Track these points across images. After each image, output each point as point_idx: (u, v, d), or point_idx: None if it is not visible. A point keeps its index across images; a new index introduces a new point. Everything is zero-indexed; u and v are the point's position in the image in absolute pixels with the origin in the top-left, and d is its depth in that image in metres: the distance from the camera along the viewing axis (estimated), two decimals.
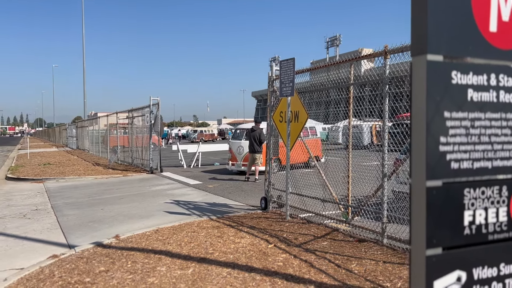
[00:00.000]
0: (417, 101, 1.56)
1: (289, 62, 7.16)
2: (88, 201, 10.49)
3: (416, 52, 1.56)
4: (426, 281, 1.54)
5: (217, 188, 11.88)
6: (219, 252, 5.51)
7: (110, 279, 4.65)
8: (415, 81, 1.57)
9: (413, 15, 1.57)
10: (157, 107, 16.90)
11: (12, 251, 6.34)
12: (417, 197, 1.57)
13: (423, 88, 1.54)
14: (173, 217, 8.21)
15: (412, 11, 1.57)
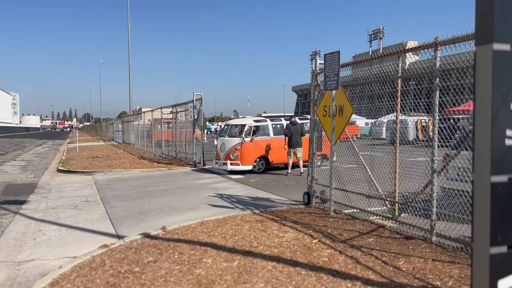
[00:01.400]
0: (482, 93, 1.49)
1: (333, 55, 7.07)
2: (135, 194, 10.81)
3: (481, 41, 1.49)
4: (490, 280, 1.48)
5: (259, 183, 11.93)
6: (263, 246, 5.53)
7: (158, 269, 4.77)
8: (480, 71, 1.50)
9: (478, 2, 1.50)
10: (200, 102, 17.13)
11: (65, 240, 6.64)
12: (481, 193, 1.50)
13: (488, 79, 1.47)
14: (216, 210, 8.32)
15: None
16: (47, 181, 13.82)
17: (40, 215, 8.49)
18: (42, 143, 43.89)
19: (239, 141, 13.74)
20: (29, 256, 5.81)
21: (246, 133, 13.86)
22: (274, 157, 14.19)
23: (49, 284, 4.49)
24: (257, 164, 13.97)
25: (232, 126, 14.83)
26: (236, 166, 13.67)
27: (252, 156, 13.85)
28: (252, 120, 14.54)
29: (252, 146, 13.86)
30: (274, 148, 14.18)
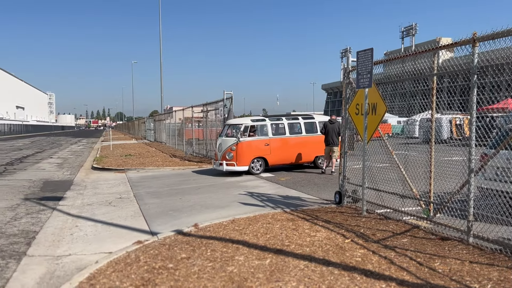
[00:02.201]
0: None
1: (366, 52, 6.97)
2: (167, 191, 10.98)
3: None
4: None
5: (289, 181, 11.90)
6: (295, 245, 5.52)
7: (192, 266, 4.83)
8: None
9: None
10: (230, 100, 17.21)
11: (100, 235, 6.81)
12: None
13: None
14: (247, 208, 8.35)
15: None
16: (82, 178, 14.22)
17: (77, 211, 8.74)
18: (77, 141, 45.16)
19: (234, 141, 13.24)
20: (66, 251, 5.99)
21: (242, 133, 13.36)
22: (273, 158, 13.71)
23: (86, 278, 4.62)
24: (255, 165, 13.48)
25: (230, 126, 14.25)
26: (232, 167, 13.19)
27: (248, 156, 13.33)
28: (249, 120, 14.01)
29: (248, 146, 13.36)
30: (274, 149, 13.71)
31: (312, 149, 14.39)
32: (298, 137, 14.30)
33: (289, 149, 13.98)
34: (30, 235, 6.82)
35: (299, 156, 14.20)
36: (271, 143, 13.66)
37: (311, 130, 14.62)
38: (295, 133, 14.39)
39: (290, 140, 14.07)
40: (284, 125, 14.19)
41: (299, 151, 14.16)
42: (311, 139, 14.44)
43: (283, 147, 13.79)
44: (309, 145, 14.33)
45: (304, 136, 14.39)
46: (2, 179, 13.85)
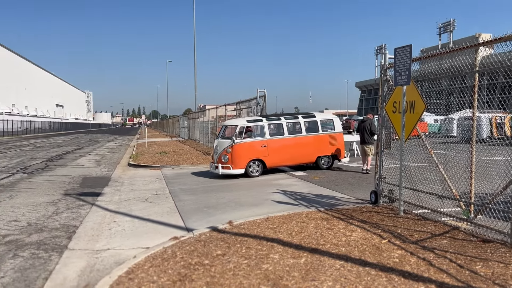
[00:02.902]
0: None
1: (405, 49, 6.81)
2: (202, 188, 11.11)
3: None
4: None
5: (322, 180, 11.80)
6: (330, 244, 5.47)
7: (227, 263, 4.87)
8: None
9: None
10: (263, 99, 17.22)
11: (138, 231, 6.96)
12: None
13: None
14: (281, 206, 8.34)
15: None
16: (119, 174, 14.57)
17: (114, 206, 8.96)
18: (113, 139, 46.34)
19: (229, 143, 12.61)
20: (105, 245, 6.15)
21: (237, 134, 12.68)
22: (271, 160, 13.03)
23: (125, 272, 4.73)
24: (252, 168, 12.82)
25: (226, 127, 13.60)
26: (227, 170, 12.53)
27: (244, 159, 12.67)
28: (245, 121, 13.30)
29: (244, 148, 12.69)
30: (272, 150, 13.02)
31: (314, 149, 13.74)
32: (298, 137, 13.59)
33: (288, 150, 13.28)
34: (71, 229, 7.05)
35: (299, 156, 13.53)
36: (268, 144, 12.99)
37: (312, 129, 13.88)
38: (295, 133, 13.72)
39: (289, 140, 13.37)
40: (283, 125, 13.44)
41: (299, 152, 13.46)
42: (312, 138, 13.76)
43: (282, 148, 13.16)
44: (310, 145, 13.66)
45: (304, 136, 13.65)
46: (44, 175, 14.38)
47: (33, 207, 8.81)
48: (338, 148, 14.11)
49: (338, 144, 14.10)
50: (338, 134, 14.17)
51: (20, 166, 17.33)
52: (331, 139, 13.93)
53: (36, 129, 75.05)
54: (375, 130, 13.31)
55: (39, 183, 12.35)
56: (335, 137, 14.09)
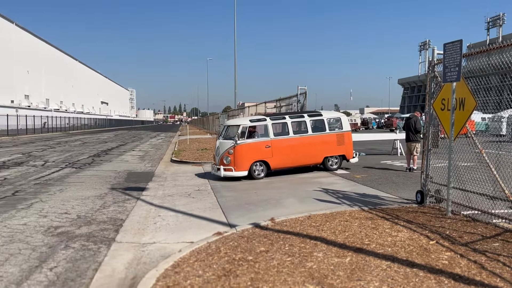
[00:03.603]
0: None
1: (455, 44, 6.57)
2: (242, 185, 11.18)
3: None
4: None
5: (365, 179, 11.59)
6: (375, 244, 5.36)
7: (271, 260, 4.87)
8: None
9: None
10: (304, 96, 17.12)
11: (182, 225, 7.09)
12: None
13: None
14: (323, 205, 8.26)
15: None
16: (162, 170, 14.90)
17: (158, 201, 9.17)
18: (156, 135, 47.42)
19: (232, 144, 11.97)
20: (151, 239, 6.30)
21: (240, 134, 12.02)
22: (276, 161, 12.35)
23: (171, 266, 4.82)
24: (256, 170, 12.14)
25: (229, 127, 12.97)
26: (229, 172, 11.84)
27: (247, 160, 11.99)
28: (248, 120, 12.67)
29: (247, 149, 12.03)
30: (276, 151, 12.33)
31: (321, 149, 13.04)
32: (304, 137, 12.88)
33: (294, 151, 12.61)
34: (118, 223, 7.26)
35: (305, 157, 12.87)
36: (273, 145, 12.33)
37: (319, 129, 13.15)
38: (300, 133, 13.01)
39: (294, 140, 12.67)
40: (287, 124, 12.74)
41: (305, 153, 12.78)
42: (319, 138, 13.04)
43: (287, 149, 12.50)
44: (316, 145, 12.95)
45: (310, 135, 12.92)
46: (91, 169, 14.91)
47: (81, 201, 9.16)
48: (346, 148, 13.40)
49: (346, 143, 13.40)
50: (346, 133, 13.46)
51: (69, 161, 18.04)
52: (339, 139, 13.23)
53: (82, 125, 77.94)
54: (420, 128, 12.96)
55: (86, 178, 12.81)
56: (343, 136, 13.36)
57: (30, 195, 9.83)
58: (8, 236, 6.37)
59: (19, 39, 75.19)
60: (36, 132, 51.57)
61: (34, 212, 8.01)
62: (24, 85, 76.34)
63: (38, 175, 13.27)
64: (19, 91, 74.13)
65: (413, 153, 13.00)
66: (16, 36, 74.23)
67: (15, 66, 72.55)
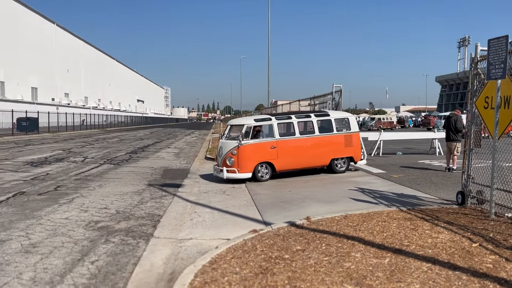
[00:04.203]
0: None
1: (500, 40, 6.32)
2: (276, 183, 11.16)
3: None
4: None
5: (403, 178, 11.35)
6: (415, 245, 5.24)
7: (307, 259, 4.84)
8: None
9: None
10: (339, 94, 16.91)
11: (217, 222, 7.15)
12: None
13: None
14: (359, 204, 8.14)
15: None
16: (197, 167, 15.08)
17: (194, 198, 9.28)
18: (190, 133, 48.08)
19: (235, 144, 11.37)
20: (188, 235, 6.39)
21: (244, 135, 11.46)
22: (281, 163, 11.73)
23: (209, 262, 4.87)
24: (261, 171, 11.53)
25: (232, 126, 12.46)
26: (233, 174, 11.24)
27: (252, 162, 11.40)
28: (253, 120, 12.02)
29: (251, 150, 11.45)
30: (282, 152, 11.71)
31: (327, 151, 12.46)
32: (311, 138, 12.30)
33: (300, 152, 12.03)
34: (155, 218, 7.40)
35: (311, 159, 12.28)
36: (278, 146, 11.73)
37: (326, 129, 12.54)
38: (307, 133, 12.47)
39: (300, 141, 12.08)
40: (294, 124, 12.15)
41: (311, 154, 12.20)
42: (326, 139, 12.45)
43: (293, 150, 11.92)
44: (323, 146, 12.38)
45: (317, 136, 12.32)
46: (128, 166, 15.27)
47: (120, 196, 9.38)
48: (354, 150, 12.86)
49: (354, 145, 12.84)
50: (354, 134, 12.91)
51: (107, 157, 18.54)
52: (347, 140, 12.69)
53: (119, 122, 79.93)
54: (460, 127, 12.59)
55: (124, 174, 13.13)
56: (351, 137, 12.81)
57: (71, 190, 10.16)
58: (52, 229, 6.61)
59: (60, 39, 77.93)
60: (75, 129, 53.25)
61: (75, 206, 8.27)
62: (64, 84, 79.05)
63: (78, 171, 13.70)
64: (59, 89, 76.82)
65: (453, 153, 12.64)
66: (57, 36, 76.95)
67: (56, 65, 75.23)
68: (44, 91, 70.41)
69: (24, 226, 6.79)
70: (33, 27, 66.99)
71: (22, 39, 63.15)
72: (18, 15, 62.81)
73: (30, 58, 65.59)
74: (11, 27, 60.35)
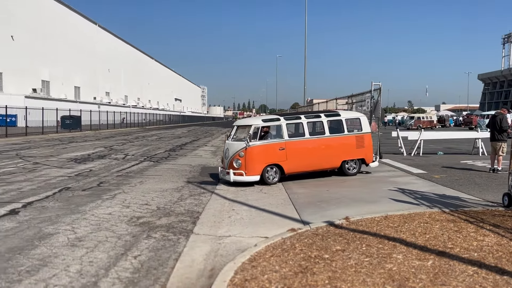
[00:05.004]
0: None
1: None
2: (313, 182, 11.10)
3: None
4: None
5: (444, 179, 11.03)
6: (459, 248, 5.09)
7: (348, 259, 4.79)
8: None
9: None
10: (378, 92, 16.61)
11: (255, 220, 7.18)
12: None
13: None
14: (399, 205, 7.98)
15: None
16: None
17: (232, 196, 9.36)
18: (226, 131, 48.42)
19: (243, 146, 10.80)
20: (226, 232, 6.45)
21: (252, 135, 10.84)
22: (290, 165, 11.13)
23: (248, 260, 4.90)
24: (269, 174, 10.95)
25: (239, 127, 11.82)
26: (240, 177, 10.67)
27: (260, 164, 10.80)
28: (261, 120, 11.40)
29: (259, 152, 10.86)
30: (291, 154, 11.12)
31: (338, 152, 11.85)
32: (321, 139, 11.67)
33: (310, 154, 11.45)
34: (195, 215, 7.52)
35: (322, 161, 11.68)
36: (287, 147, 11.14)
37: (336, 130, 11.98)
38: (317, 134, 11.94)
39: (310, 142, 11.49)
40: (303, 124, 11.56)
41: (322, 156, 11.61)
42: (336, 140, 11.84)
43: (302, 152, 11.35)
44: (334, 148, 11.76)
45: (328, 137, 11.69)
46: (167, 163, 15.58)
47: (160, 193, 9.59)
48: (366, 151, 12.25)
49: (366, 146, 12.22)
50: (366, 135, 12.28)
51: (147, 154, 18.98)
52: (358, 141, 12.07)
53: (157, 121, 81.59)
54: (505, 126, 12.11)
55: (163, 171, 13.40)
56: (363, 138, 12.19)
57: (113, 186, 10.47)
58: (96, 224, 6.83)
59: (101, 39, 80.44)
60: (116, 127, 54.77)
61: (118, 202, 8.52)
62: (105, 83, 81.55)
63: (120, 168, 14.09)
64: (101, 88, 79.30)
65: (498, 153, 12.18)
66: (98, 36, 79.45)
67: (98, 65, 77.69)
68: (86, 90, 72.88)
69: (70, 220, 7.05)
70: (76, 28, 69.45)
71: (66, 40, 65.59)
72: (61, 16, 65.27)
73: (74, 58, 68.05)
74: (56, 29, 62.78)
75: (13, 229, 6.45)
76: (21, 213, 7.48)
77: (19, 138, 30.04)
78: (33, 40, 56.63)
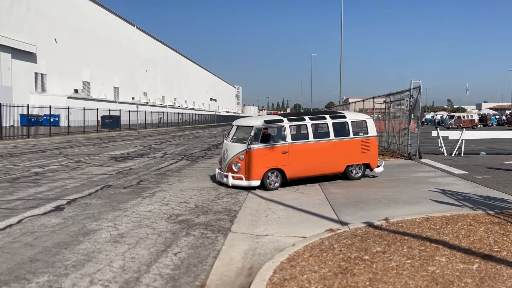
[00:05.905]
0: None
1: None
2: (351, 182, 10.94)
3: None
4: None
5: (488, 180, 10.64)
6: (506, 252, 4.90)
7: (388, 261, 4.70)
8: None
9: None
10: (417, 90, 16.23)
11: (292, 220, 7.16)
12: None
13: None
14: (441, 206, 7.76)
15: None
16: None
17: (268, 195, 9.37)
18: None
19: (243, 148, 10.16)
20: (264, 231, 6.46)
21: (253, 137, 10.08)
22: (293, 169, 10.39)
23: (287, 259, 4.89)
24: (270, 179, 10.20)
25: (238, 127, 11.05)
26: (239, 181, 10.08)
27: (261, 168, 10.07)
28: (262, 121, 10.58)
29: (261, 155, 10.13)
30: (294, 157, 10.40)
31: (343, 156, 11.16)
32: (325, 142, 10.99)
33: (314, 158, 10.74)
34: (232, 214, 7.57)
35: (326, 166, 11.01)
36: (290, 150, 10.41)
37: (342, 133, 11.22)
38: (321, 137, 11.18)
39: (314, 146, 10.79)
40: (307, 126, 10.76)
41: (326, 160, 10.93)
42: (341, 143, 11.12)
43: (306, 155, 10.63)
44: (339, 151, 11.08)
45: (332, 140, 10.98)
46: (204, 162, 15.78)
47: (198, 191, 9.72)
48: (371, 156, 11.56)
49: (371, 150, 11.55)
50: (372, 139, 11.59)
51: (184, 153, 19.28)
52: (364, 145, 11.41)
53: (193, 120, 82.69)
54: None
55: (200, 169, 13.58)
56: (368, 142, 11.52)
57: (153, 184, 10.69)
58: (137, 221, 7.00)
59: (139, 41, 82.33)
60: (153, 126, 55.92)
61: (157, 200, 8.69)
62: (143, 83, 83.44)
63: (158, 166, 14.38)
64: (139, 88, 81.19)
65: None
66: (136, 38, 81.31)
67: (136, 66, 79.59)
68: (125, 90, 74.78)
69: (112, 217, 7.25)
70: (115, 30, 71.39)
71: (105, 41, 67.54)
72: (101, 19, 67.22)
73: (113, 60, 70.00)
74: (96, 31, 64.74)
75: (59, 225, 6.69)
76: (65, 210, 7.75)
77: (62, 137, 31.17)
78: (74, 42, 58.63)
